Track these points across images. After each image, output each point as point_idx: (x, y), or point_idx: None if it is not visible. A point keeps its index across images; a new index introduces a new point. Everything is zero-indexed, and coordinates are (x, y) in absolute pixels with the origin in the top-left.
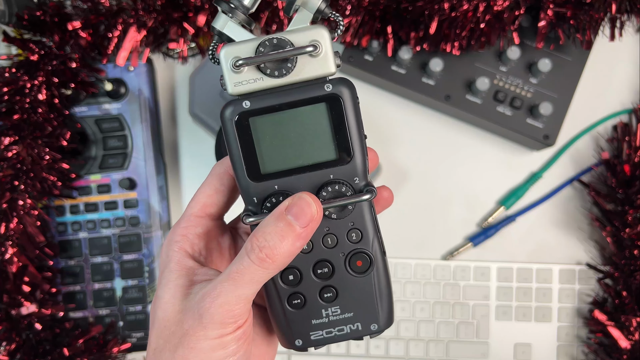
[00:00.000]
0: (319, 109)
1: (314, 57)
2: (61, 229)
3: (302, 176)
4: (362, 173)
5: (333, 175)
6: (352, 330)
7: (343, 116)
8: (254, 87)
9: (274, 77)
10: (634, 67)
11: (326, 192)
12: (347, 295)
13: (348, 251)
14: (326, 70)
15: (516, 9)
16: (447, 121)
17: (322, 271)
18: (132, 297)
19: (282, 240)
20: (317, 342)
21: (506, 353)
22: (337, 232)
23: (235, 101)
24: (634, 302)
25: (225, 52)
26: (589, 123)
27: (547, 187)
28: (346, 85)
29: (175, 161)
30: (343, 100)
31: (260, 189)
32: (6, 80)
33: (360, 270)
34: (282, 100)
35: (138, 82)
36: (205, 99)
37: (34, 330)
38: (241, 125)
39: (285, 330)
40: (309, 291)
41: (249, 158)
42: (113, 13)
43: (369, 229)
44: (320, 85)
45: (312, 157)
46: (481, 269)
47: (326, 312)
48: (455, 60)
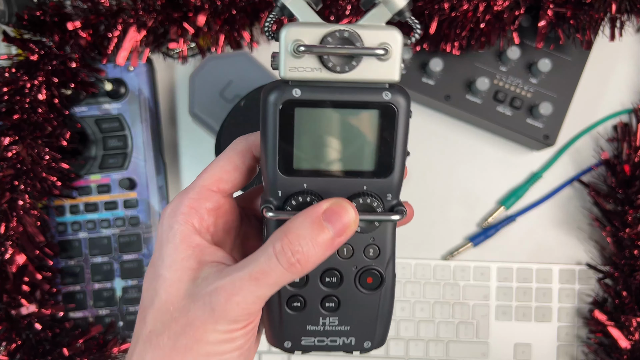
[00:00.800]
0: (371, 115)
1: (382, 60)
2: (61, 229)
3: (334, 180)
4: (396, 191)
5: (367, 187)
6: (344, 343)
7: (394, 129)
8: (310, 76)
9: (334, 72)
10: (634, 67)
11: (357, 203)
12: (349, 309)
13: (362, 266)
14: (390, 76)
15: (516, 9)
16: (447, 121)
17: (330, 280)
18: (132, 297)
19: (316, 247)
20: (306, 348)
21: (506, 353)
22: (355, 244)
23: (283, 86)
24: (634, 302)
25: (287, 31)
26: (589, 123)
27: (547, 187)
28: (405, 97)
29: (175, 161)
30: (398, 113)
31: (288, 183)
32: (6, 80)
33: (369, 287)
34: (336, 98)
35: (138, 82)
36: (205, 99)
37: (34, 330)
38: (285, 114)
39: (277, 330)
40: (311, 296)
41: (284, 149)
42: (113, 13)
43: (388, 248)
44: (379, 91)
45: (350, 163)
46: (481, 269)
47: (323, 321)
48: (455, 60)
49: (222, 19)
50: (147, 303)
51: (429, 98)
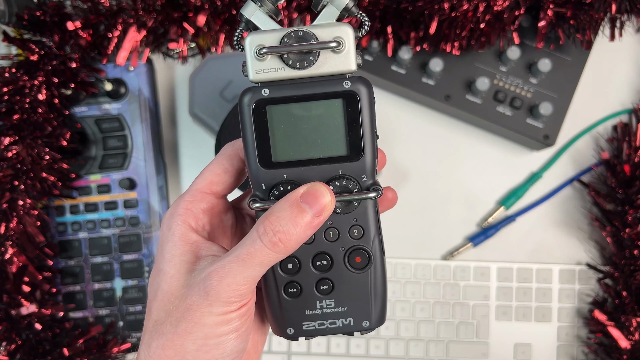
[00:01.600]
0: (335, 104)
1: (337, 53)
2: (61, 229)
3: (311, 168)
4: (371, 171)
5: (342, 171)
6: (343, 324)
7: (358, 114)
8: (274, 76)
9: (296, 69)
10: (634, 67)
11: (333, 187)
12: (343, 290)
13: (348, 246)
14: (347, 67)
15: (516, 9)
16: (447, 121)
17: (320, 263)
18: (132, 297)
19: (296, 226)
20: (308, 333)
21: (506, 353)
22: (339, 226)
23: (255, 88)
24: (634, 302)
25: (250, 39)
26: (589, 123)
27: (547, 187)
28: (364, 84)
29: (175, 161)
30: (360, 99)
31: (269, 176)
32: (6, 80)
33: (358, 267)
34: (301, 92)
35: (138, 82)
36: (205, 99)
37: (34, 330)
38: (258, 112)
39: (279, 318)
40: (306, 281)
41: (261, 145)
42: (113, 13)
43: (371, 227)
44: (339, 81)
45: (323, 150)
46: (481, 269)
47: (320, 304)
48: (455, 60)
49: (222, 19)
50: (152, 296)
51: (429, 98)
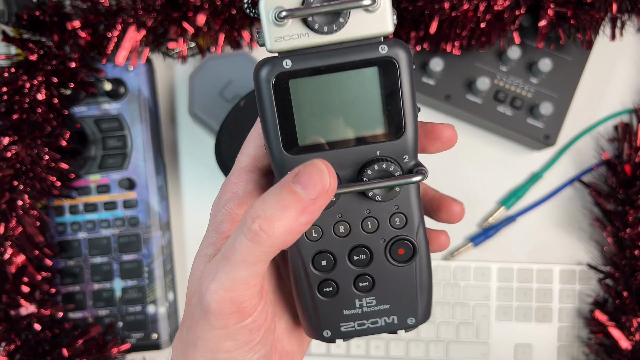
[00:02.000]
0: (370, 73)
1: (370, 12)
2: (60, 229)
3: (344, 151)
4: (413, 151)
5: (380, 152)
6: (386, 323)
7: (398, 84)
8: (298, 43)
9: (322, 34)
10: (634, 66)
11: (372, 171)
12: (385, 286)
13: (390, 237)
14: (383, 29)
15: (516, 8)
16: (447, 121)
17: (359, 258)
18: (132, 297)
19: (284, 211)
20: (348, 334)
21: (506, 353)
22: (378, 215)
23: (274, 59)
24: (634, 302)
25: (266, 0)
26: (590, 123)
27: (548, 187)
28: (403, 48)
29: (174, 161)
30: (399, 66)
31: (295, 162)
32: (5, 80)
33: (402, 260)
34: (330, 62)
35: (137, 82)
36: (205, 99)
37: (33, 330)
38: (279, 88)
39: (313, 320)
40: (342, 279)
41: (285, 126)
42: (112, 13)
43: (415, 214)
44: (374, 46)
45: (358, 129)
46: (481, 269)
47: (360, 303)
48: (455, 60)
49: (222, 18)
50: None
51: (430, 98)
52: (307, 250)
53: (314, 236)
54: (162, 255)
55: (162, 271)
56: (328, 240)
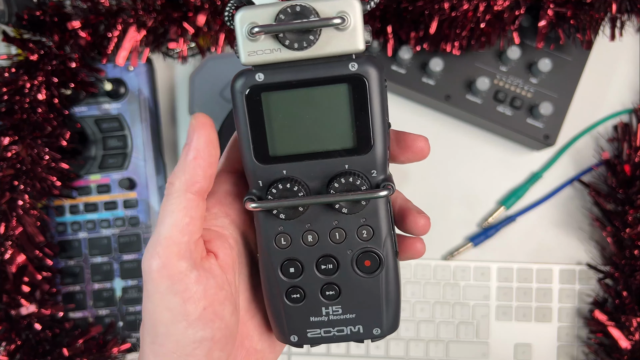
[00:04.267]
0: (340, 90)
1: (341, 30)
2: (61, 229)
3: (314, 163)
4: (382, 166)
5: (349, 166)
6: (352, 332)
7: (367, 100)
8: (269, 58)
9: (294, 50)
10: (634, 67)
11: (338, 184)
12: (351, 295)
13: (356, 249)
14: (353, 46)
15: (516, 8)
16: (447, 121)
17: (326, 267)
18: (132, 297)
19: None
20: (314, 340)
21: (506, 353)
22: (346, 227)
23: (248, 72)
24: (634, 302)
25: (241, 16)
26: (590, 123)
27: (548, 187)
28: (374, 65)
29: (175, 161)
30: (369, 83)
31: (267, 172)
32: (6, 80)
33: (368, 271)
34: (300, 77)
35: (138, 82)
36: (205, 99)
37: (34, 330)
38: (252, 100)
39: (281, 324)
40: (309, 286)
41: (257, 137)
42: (113, 13)
43: (383, 227)
44: (344, 63)
45: (327, 143)
46: (481, 269)
47: (326, 311)
48: (455, 60)
49: (222, 18)
50: None
51: (429, 98)
52: (276, 257)
53: (283, 244)
54: None
55: None
56: (296, 248)
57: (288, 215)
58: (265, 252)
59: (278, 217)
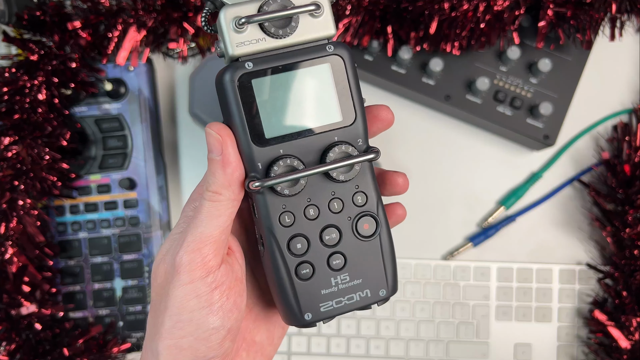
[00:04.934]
0: (323, 69)
1: (316, 17)
2: (61, 229)
3: (306, 139)
4: (364, 135)
5: (338, 137)
6: (361, 297)
7: (346, 77)
8: (256, 47)
9: (277, 38)
10: (634, 67)
11: (333, 153)
12: (356, 261)
13: (355, 214)
14: (328, 31)
15: (516, 8)
16: (447, 121)
17: (329, 237)
18: (132, 297)
19: (214, 175)
20: (327, 314)
21: (506, 353)
22: (342, 196)
23: (235, 64)
24: (634, 302)
25: (226, 12)
26: (589, 123)
27: (547, 187)
28: (346, 48)
29: (175, 161)
30: (345, 61)
31: (264, 154)
32: (6, 80)
33: (368, 234)
34: (286, 61)
35: (138, 82)
36: (205, 98)
37: (34, 330)
38: (244, 87)
39: (294, 305)
40: (317, 259)
41: (252, 122)
42: (113, 13)
43: (373, 191)
44: (322, 46)
45: (317, 119)
46: (481, 269)
47: (335, 280)
48: (455, 60)
49: None
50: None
51: (429, 98)
52: (282, 236)
53: (287, 221)
54: None
55: None
56: (300, 224)
57: (291, 190)
58: (271, 233)
59: (281, 195)
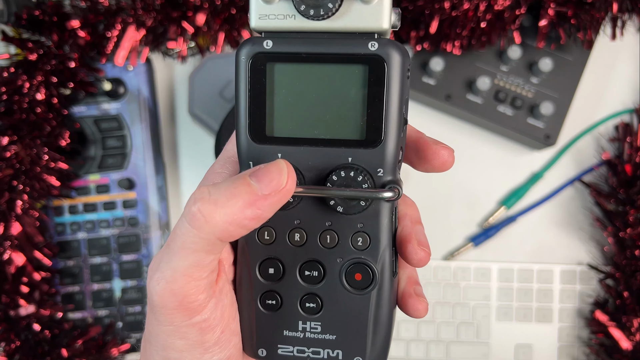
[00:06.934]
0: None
1: (367, 3)
2: (60, 229)
3: (313, 150)
4: (391, 166)
5: (352, 159)
6: (330, 357)
7: (383, 87)
8: (281, 25)
9: (309, 18)
10: (635, 66)
11: (337, 177)
12: (334, 312)
13: (348, 258)
14: (376, 23)
15: (517, 8)
16: (448, 121)
17: (310, 274)
18: (131, 297)
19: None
20: (284, 359)
21: (507, 354)
22: (340, 231)
23: (255, 38)
24: (635, 302)
25: None
26: (590, 123)
27: (548, 187)
28: (397, 49)
29: (174, 161)
30: (388, 67)
31: (259, 153)
32: (5, 80)
33: (358, 286)
34: (312, 50)
35: (137, 82)
36: (205, 98)
37: (33, 331)
38: (255, 69)
39: (249, 334)
40: (288, 293)
41: (255, 113)
42: (112, 12)
43: (382, 237)
44: (364, 41)
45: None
46: (482, 270)
47: (303, 326)
48: (455, 60)
49: (222, 18)
50: None
51: (430, 98)
52: (255, 253)
53: (266, 239)
54: None
55: None
56: (280, 246)
57: None
58: (245, 246)
59: None
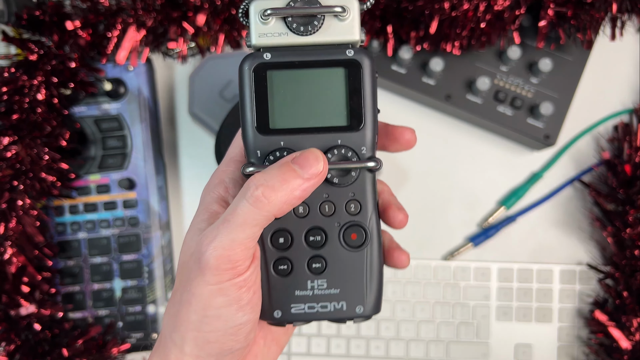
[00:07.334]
0: (337, 72)
1: (341, 20)
2: (60, 229)
3: (309, 136)
4: (371, 144)
5: (341, 141)
6: (335, 309)
7: (360, 84)
8: (277, 41)
9: (299, 34)
10: (634, 66)
11: (332, 155)
12: (336, 270)
13: (344, 222)
14: (351, 36)
15: (517, 8)
16: (447, 121)
17: (314, 239)
18: (132, 297)
19: (283, 183)
20: (297, 317)
21: (507, 354)
22: (336, 200)
23: (256, 53)
24: (634, 302)
25: (256, 3)
26: (590, 123)
27: (548, 187)
28: (367, 55)
29: (174, 161)
30: (362, 69)
31: (265, 142)
32: (5, 80)
33: (354, 245)
34: (303, 58)
35: (137, 82)
36: (205, 98)
37: (33, 330)
38: (258, 77)
39: (265, 299)
40: (297, 258)
41: (260, 110)
42: (112, 12)
43: (369, 202)
44: (342, 49)
45: (323, 119)
46: (481, 270)
47: (312, 284)
48: (455, 60)
49: (222, 18)
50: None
51: (430, 98)
52: (267, 227)
53: None
54: (162, 255)
55: (162, 271)
56: (287, 219)
57: None
58: None
59: None
